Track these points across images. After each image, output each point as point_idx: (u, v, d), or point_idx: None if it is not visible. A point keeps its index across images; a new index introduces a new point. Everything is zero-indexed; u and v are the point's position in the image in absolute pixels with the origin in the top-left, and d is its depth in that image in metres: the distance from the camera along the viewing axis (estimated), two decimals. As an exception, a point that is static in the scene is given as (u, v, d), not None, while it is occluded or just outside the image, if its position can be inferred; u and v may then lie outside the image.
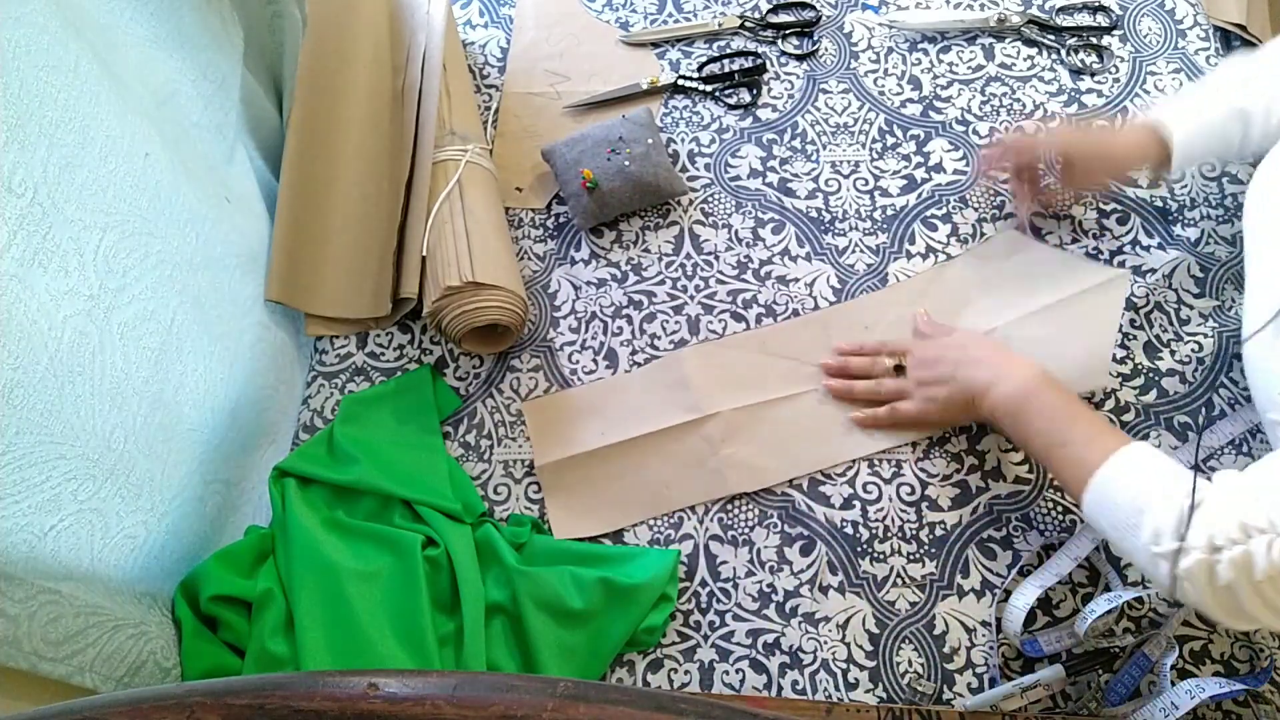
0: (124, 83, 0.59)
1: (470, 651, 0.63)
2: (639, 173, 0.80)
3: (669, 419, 0.74)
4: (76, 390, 0.52)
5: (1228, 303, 0.74)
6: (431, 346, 0.80)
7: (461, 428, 0.77)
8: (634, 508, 0.72)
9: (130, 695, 0.37)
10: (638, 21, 0.96)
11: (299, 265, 0.77)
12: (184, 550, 0.65)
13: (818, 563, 0.69)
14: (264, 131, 0.81)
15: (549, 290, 0.82)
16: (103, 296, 0.55)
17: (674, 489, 0.72)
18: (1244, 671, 0.63)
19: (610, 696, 0.35)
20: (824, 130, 0.87)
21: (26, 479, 0.49)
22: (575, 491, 0.73)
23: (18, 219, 0.48)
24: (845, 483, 0.72)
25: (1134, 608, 0.65)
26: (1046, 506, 0.69)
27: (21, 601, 0.49)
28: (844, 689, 0.65)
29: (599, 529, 0.71)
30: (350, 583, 0.64)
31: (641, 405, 0.75)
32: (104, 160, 0.55)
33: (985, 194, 0.82)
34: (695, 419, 0.74)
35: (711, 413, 0.74)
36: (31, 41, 0.50)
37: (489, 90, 0.93)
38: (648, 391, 0.76)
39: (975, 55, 0.89)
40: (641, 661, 0.67)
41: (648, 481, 0.72)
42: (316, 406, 0.78)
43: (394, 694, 0.35)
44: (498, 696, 0.35)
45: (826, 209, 0.83)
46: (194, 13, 0.67)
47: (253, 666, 0.63)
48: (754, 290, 0.80)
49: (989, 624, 0.66)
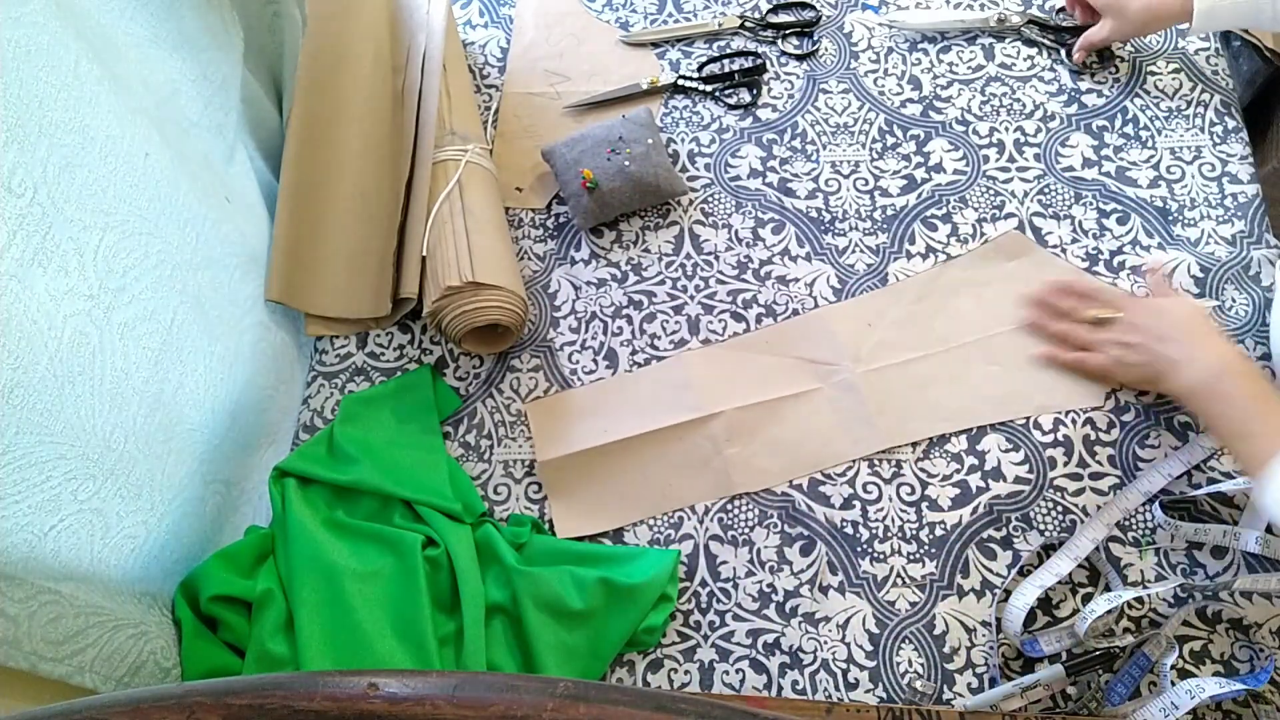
0: (124, 83, 0.59)
1: (470, 651, 0.63)
2: (639, 173, 0.80)
3: (672, 418, 0.74)
4: (76, 390, 0.52)
5: (1228, 303, 0.74)
6: (431, 346, 0.80)
7: (461, 428, 0.77)
8: (637, 506, 0.72)
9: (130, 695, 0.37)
10: (638, 21, 0.96)
11: (299, 265, 0.77)
12: (184, 550, 0.65)
13: (818, 563, 0.69)
14: (264, 131, 0.81)
15: (549, 290, 0.82)
16: (103, 296, 0.55)
17: (677, 488, 0.72)
18: (1244, 671, 0.63)
19: (610, 696, 0.35)
20: (824, 130, 0.87)
21: (26, 479, 0.49)
22: (577, 490, 0.73)
23: (18, 219, 0.48)
24: (845, 483, 0.72)
25: (1134, 608, 0.65)
26: (1046, 506, 0.69)
27: (21, 601, 0.49)
28: (844, 689, 0.65)
29: (601, 527, 0.71)
30: (350, 583, 0.64)
31: (645, 404, 0.75)
32: (104, 160, 0.55)
33: (985, 194, 0.82)
34: (699, 418, 0.74)
35: (715, 412, 0.74)
36: (31, 41, 0.49)
37: (489, 90, 0.93)
38: (651, 391, 0.76)
39: (975, 55, 0.89)
40: (641, 661, 0.67)
41: (651, 480, 0.72)
42: (316, 406, 0.78)
43: (394, 694, 0.35)
44: (498, 696, 0.35)
45: (826, 209, 0.83)
46: (194, 13, 0.67)
47: (253, 666, 0.63)
48: (754, 290, 0.80)
49: (989, 624, 0.66)
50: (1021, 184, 0.82)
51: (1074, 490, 0.69)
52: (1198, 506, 0.67)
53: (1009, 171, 0.83)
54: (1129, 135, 0.83)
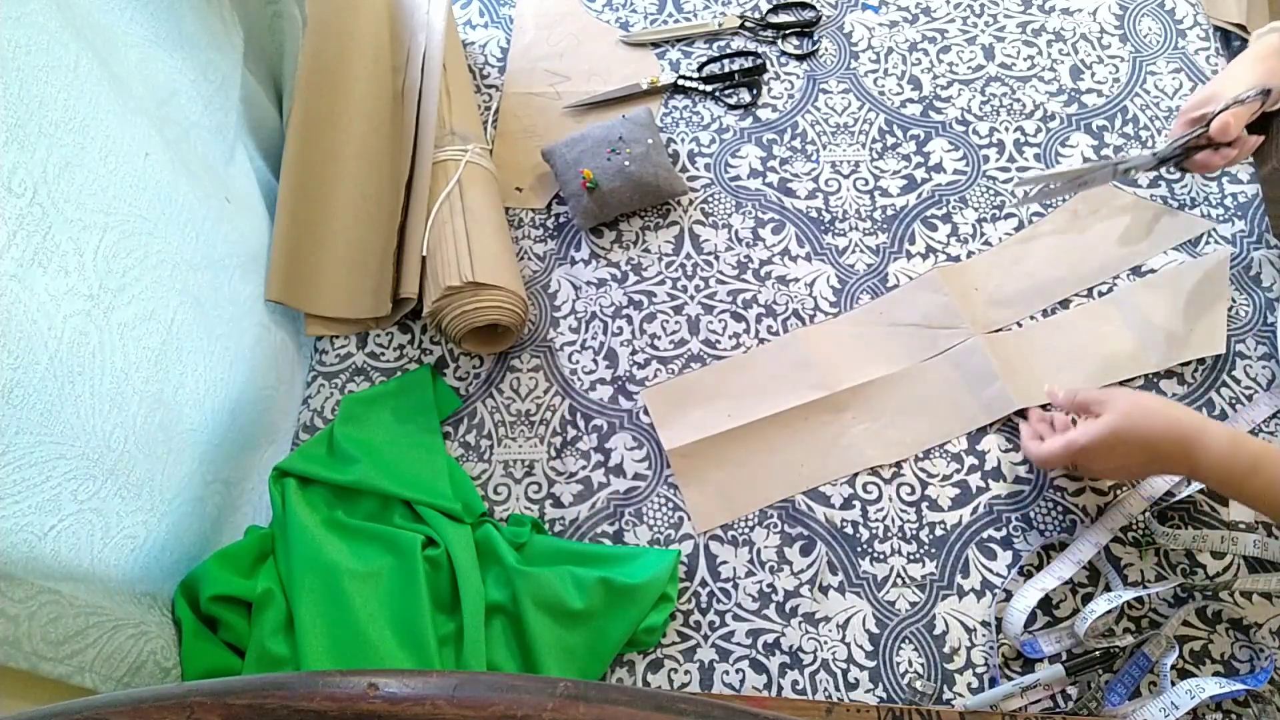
0: (124, 83, 0.59)
1: (470, 651, 0.63)
2: (639, 173, 0.80)
3: (799, 397, 0.73)
4: (76, 390, 0.52)
5: (1228, 303, 0.74)
6: (431, 346, 0.80)
7: (461, 428, 0.77)
8: (773, 490, 0.71)
9: (130, 695, 0.37)
10: (638, 21, 0.96)
11: (299, 265, 0.77)
12: (184, 550, 0.65)
13: (818, 563, 0.69)
14: (264, 131, 0.81)
15: (549, 290, 0.82)
16: (103, 296, 0.55)
17: (810, 468, 0.72)
18: (1244, 671, 0.63)
19: (610, 696, 0.35)
20: (824, 130, 0.87)
21: (26, 479, 0.49)
22: (709, 477, 0.72)
23: (18, 219, 0.48)
24: (845, 483, 0.71)
25: (1134, 608, 0.65)
26: (1046, 506, 0.69)
27: (21, 601, 0.49)
28: (844, 689, 0.65)
29: (739, 514, 0.71)
30: (350, 583, 0.64)
31: (766, 385, 0.75)
32: (104, 160, 0.55)
33: (985, 194, 0.82)
34: (823, 396, 0.73)
35: (840, 389, 0.73)
36: (31, 41, 0.49)
37: (489, 90, 0.93)
38: (771, 371, 0.75)
39: (975, 55, 0.90)
40: (641, 661, 0.67)
41: (785, 462, 0.72)
42: (316, 406, 0.78)
43: (394, 694, 0.35)
44: (498, 696, 0.35)
45: (826, 209, 0.83)
46: (194, 13, 0.67)
47: (253, 666, 0.63)
48: (754, 290, 0.80)
49: (989, 624, 0.66)
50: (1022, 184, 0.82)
51: (1074, 490, 0.69)
52: (1197, 507, 0.67)
53: (1009, 171, 0.83)
54: (1129, 135, 0.83)
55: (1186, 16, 0.89)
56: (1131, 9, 0.90)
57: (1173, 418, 0.59)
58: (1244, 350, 0.73)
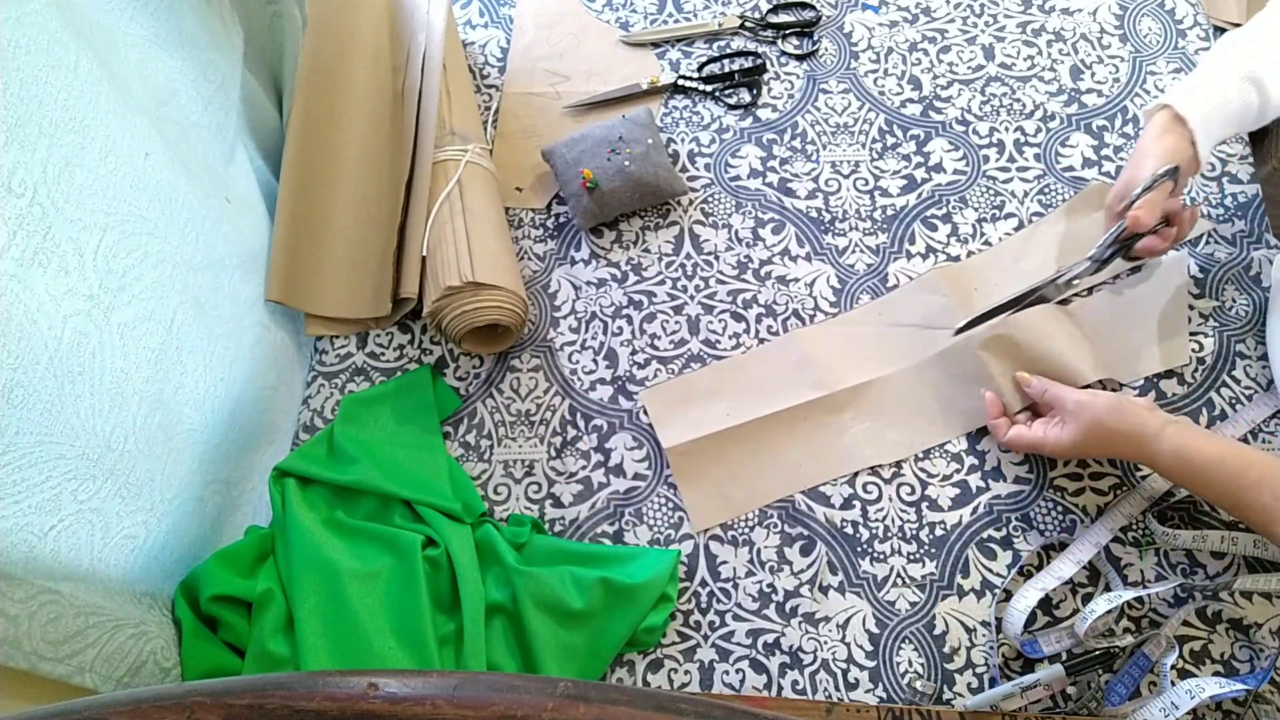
0: (124, 83, 0.59)
1: (470, 651, 0.63)
2: (639, 173, 0.80)
3: (797, 397, 0.73)
4: (76, 390, 0.52)
5: (1228, 303, 0.74)
6: (431, 346, 0.80)
7: (461, 428, 0.77)
8: (771, 489, 0.71)
9: (130, 695, 0.37)
10: (638, 21, 0.96)
11: (299, 265, 0.77)
12: (184, 550, 0.65)
13: (818, 563, 0.69)
14: (264, 131, 0.81)
15: (549, 290, 0.82)
16: (103, 296, 0.55)
17: (809, 468, 0.72)
18: (1244, 671, 0.63)
19: (610, 696, 0.35)
20: (824, 130, 0.87)
21: (26, 479, 0.49)
22: (708, 475, 0.72)
23: (18, 219, 0.48)
24: (845, 483, 0.71)
25: (1134, 608, 0.65)
26: (1046, 506, 0.69)
27: (21, 601, 0.49)
28: (844, 689, 0.65)
29: (738, 513, 0.71)
30: (350, 583, 0.64)
31: (764, 385, 0.75)
32: (104, 160, 0.55)
33: (985, 194, 0.82)
34: (823, 395, 0.73)
35: (839, 388, 0.73)
36: (31, 41, 0.49)
37: (489, 90, 0.93)
38: (769, 371, 0.75)
39: (975, 55, 0.90)
40: (641, 661, 0.67)
41: (783, 462, 0.72)
42: (316, 406, 0.78)
43: (394, 694, 0.35)
44: (498, 696, 0.35)
45: (826, 209, 0.83)
46: (194, 13, 0.67)
47: (253, 666, 0.63)
48: (754, 290, 0.80)
49: (989, 624, 0.66)
50: (1021, 184, 0.82)
51: (1074, 490, 0.69)
52: (1197, 507, 0.67)
53: (1009, 171, 0.83)
54: (1129, 135, 0.83)
55: (1186, 16, 0.89)
56: (1131, 9, 0.90)
57: (1129, 434, 0.62)
58: (1244, 350, 0.73)
